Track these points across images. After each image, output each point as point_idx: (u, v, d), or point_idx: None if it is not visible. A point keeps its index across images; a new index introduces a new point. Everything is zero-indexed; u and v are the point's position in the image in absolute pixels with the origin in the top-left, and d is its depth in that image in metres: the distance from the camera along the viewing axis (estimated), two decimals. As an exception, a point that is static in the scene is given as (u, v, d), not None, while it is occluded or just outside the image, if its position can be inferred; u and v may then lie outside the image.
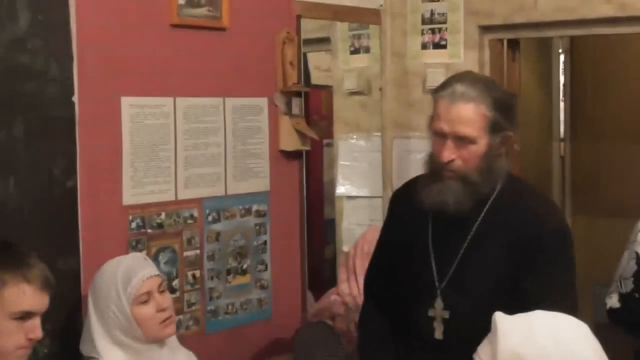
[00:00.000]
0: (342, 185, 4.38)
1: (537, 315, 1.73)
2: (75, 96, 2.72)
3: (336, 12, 3.74)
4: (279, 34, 3.42)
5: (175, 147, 3.04)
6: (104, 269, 2.53)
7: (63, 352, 2.62)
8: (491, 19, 3.81)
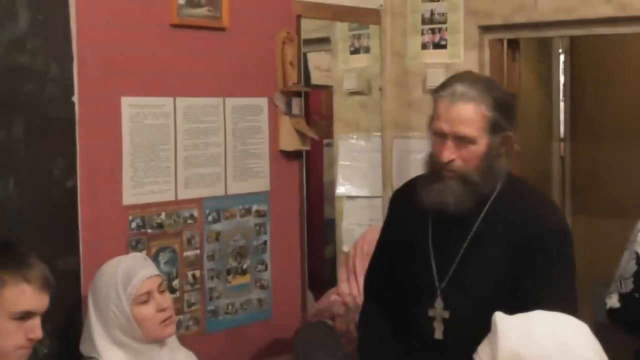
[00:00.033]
0: (342, 185, 4.38)
1: (536, 316, 1.73)
2: (75, 96, 2.72)
3: (336, 12, 3.74)
4: (279, 34, 3.42)
5: (175, 147, 3.04)
6: (104, 269, 2.53)
7: (63, 352, 2.62)
8: (491, 19, 3.81)
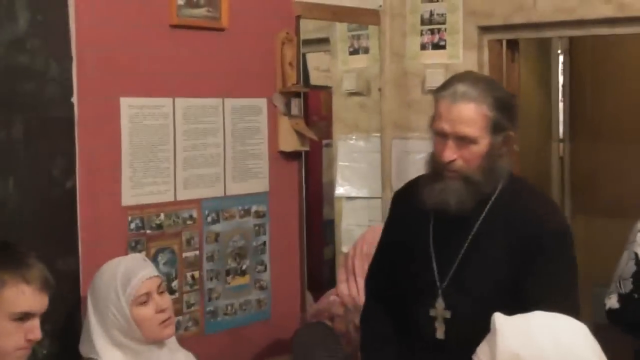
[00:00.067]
0: (341, 186, 4.38)
1: (536, 316, 1.73)
2: (75, 96, 2.72)
3: (335, 12, 3.74)
4: (278, 34, 3.42)
5: (174, 147, 3.04)
6: (103, 270, 2.53)
7: (62, 352, 2.62)
8: (490, 20, 3.81)
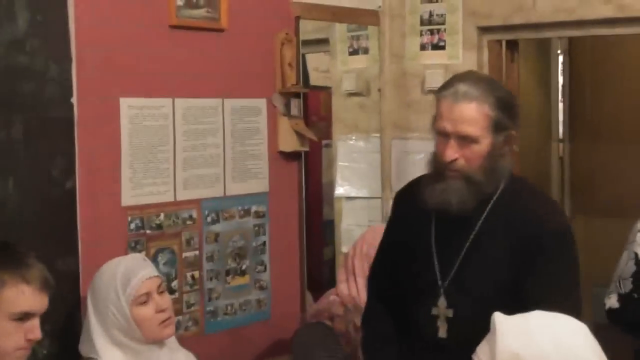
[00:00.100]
0: (341, 186, 4.37)
1: (536, 316, 1.73)
2: (74, 97, 2.72)
3: (335, 13, 3.75)
4: (278, 35, 3.42)
5: (174, 148, 3.04)
6: (103, 270, 2.53)
7: (62, 352, 2.62)
8: (490, 20, 3.81)
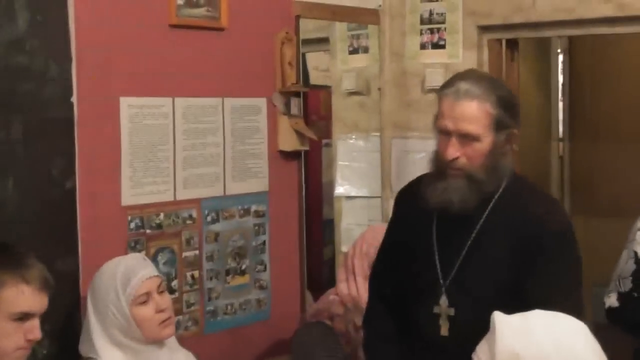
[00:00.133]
0: (340, 186, 4.37)
1: (535, 315, 1.73)
2: (74, 97, 2.71)
3: (335, 12, 3.74)
4: (278, 34, 3.42)
5: (174, 147, 3.04)
6: (103, 270, 2.53)
7: (62, 352, 2.62)
8: (490, 19, 3.81)
